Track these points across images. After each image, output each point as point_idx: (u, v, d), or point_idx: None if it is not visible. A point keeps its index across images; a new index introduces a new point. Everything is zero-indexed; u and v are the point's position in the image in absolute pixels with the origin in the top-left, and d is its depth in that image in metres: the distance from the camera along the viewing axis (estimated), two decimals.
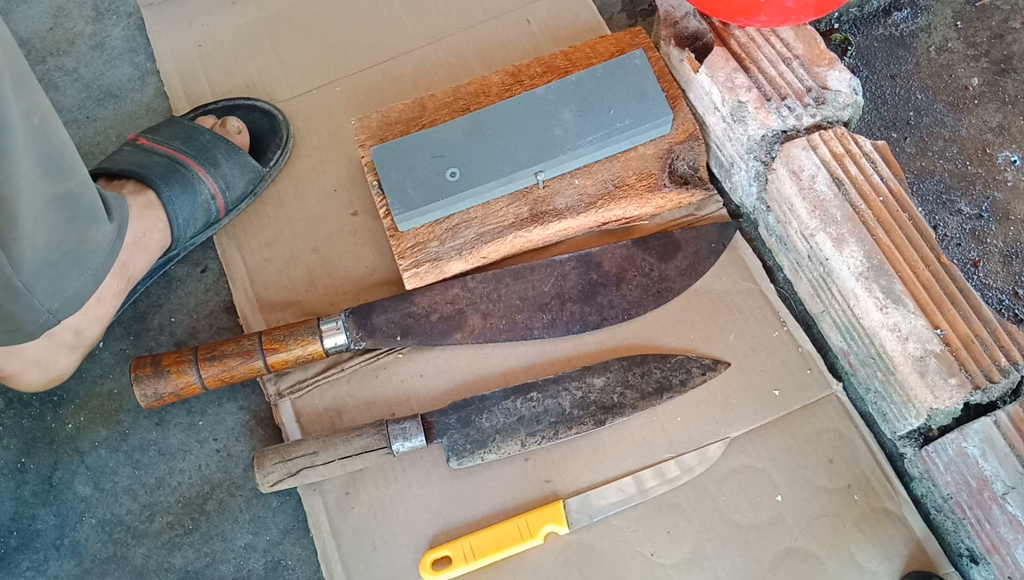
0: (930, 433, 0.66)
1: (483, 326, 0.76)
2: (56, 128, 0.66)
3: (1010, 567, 0.61)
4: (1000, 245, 0.80)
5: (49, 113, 0.65)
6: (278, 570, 0.72)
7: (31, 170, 0.62)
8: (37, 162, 0.63)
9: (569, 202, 0.79)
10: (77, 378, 0.80)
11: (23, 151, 0.60)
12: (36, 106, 0.63)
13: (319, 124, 0.90)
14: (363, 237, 0.83)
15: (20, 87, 0.61)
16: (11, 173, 0.59)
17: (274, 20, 0.97)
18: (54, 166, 0.65)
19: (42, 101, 0.64)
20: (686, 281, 0.78)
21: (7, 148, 0.59)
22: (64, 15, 1.02)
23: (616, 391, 0.73)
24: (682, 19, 0.82)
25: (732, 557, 0.68)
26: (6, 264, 0.62)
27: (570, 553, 0.69)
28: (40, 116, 0.63)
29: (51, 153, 0.65)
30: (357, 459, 0.70)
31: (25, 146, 0.61)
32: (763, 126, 0.73)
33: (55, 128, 0.66)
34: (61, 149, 0.66)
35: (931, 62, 0.89)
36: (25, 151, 0.61)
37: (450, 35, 0.94)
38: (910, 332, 0.64)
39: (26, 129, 0.61)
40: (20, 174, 0.60)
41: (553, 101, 0.80)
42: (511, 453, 0.71)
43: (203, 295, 0.84)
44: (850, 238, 0.68)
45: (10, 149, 0.59)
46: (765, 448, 0.71)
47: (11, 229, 0.61)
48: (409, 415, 0.72)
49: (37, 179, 0.63)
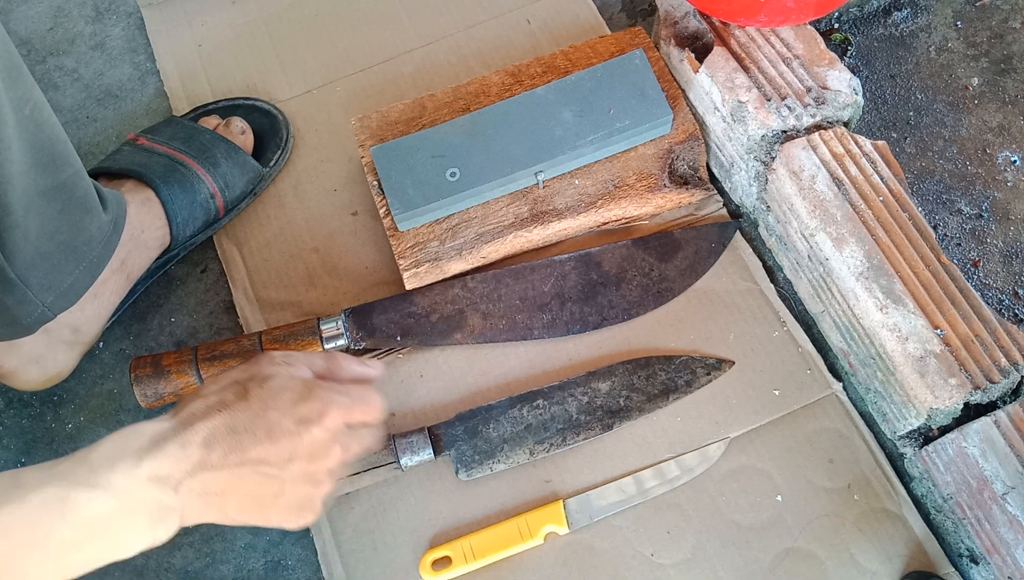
0: (930, 433, 0.66)
1: (483, 326, 0.76)
2: (48, 119, 0.66)
3: (1010, 567, 0.61)
4: (1000, 245, 0.80)
5: (41, 104, 0.65)
6: (278, 570, 0.72)
7: (22, 160, 0.62)
8: (28, 152, 0.63)
9: (569, 202, 0.79)
10: (77, 378, 0.80)
11: (13, 140, 0.60)
12: (27, 97, 0.63)
13: (319, 124, 0.90)
14: (363, 237, 0.83)
15: (10, 78, 0.61)
16: (1, 161, 0.59)
17: (274, 20, 0.97)
18: (46, 157, 0.65)
19: (34, 92, 0.64)
20: (686, 281, 0.78)
21: None
22: (64, 15, 1.02)
23: (622, 395, 0.73)
24: (682, 19, 0.82)
25: (732, 557, 0.68)
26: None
27: (570, 553, 0.69)
28: (31, 107, 0.63)
29: (43, 144, 0.65)
30: (366, 475, 0.70)
31: (15, 136, 0.61)
32: (763, 126, 0.73)
33: (47, 119, 0.65)
34: (53, 140, 0.66)
35: (931, 62, 0.89)
36: (15, 140, 0.61)
37: (450, 35, 0.94)
38: (910, 332, 0.64)
39: (17, 119, 0.61)
40: (10, 163, 0.60)
41: (553, 101, 0.80)
42: (520, 462, 0.71)
43: (203, 295, 0.84)
44: (850, 238, 0.68)
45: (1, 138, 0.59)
46: (765, 448, 0.71)
47: (2, 218, 0.61)
48: (415, 428, 0.72)
49: (28, 169, 0.63)
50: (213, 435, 0.53)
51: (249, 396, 0.55)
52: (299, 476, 0.55)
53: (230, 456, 0.53)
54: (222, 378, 0.57)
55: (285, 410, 0.55)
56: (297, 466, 0.55)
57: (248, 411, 0.54)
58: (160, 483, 0.50)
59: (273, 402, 0.55)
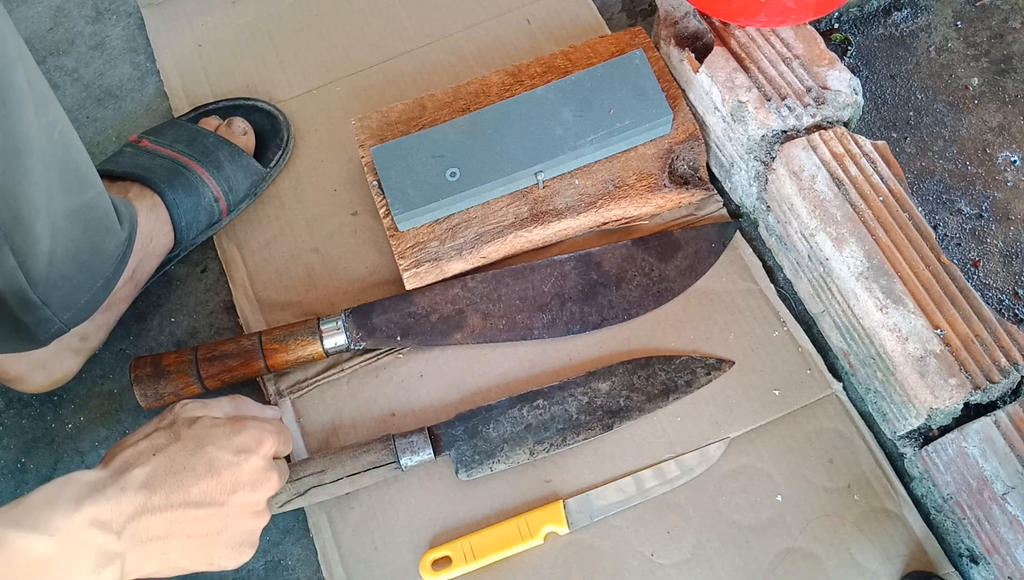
0: (930, 433, 0.66)
1: (483, 326, 0.76)
2: (73, 141, 0.66)
3: (1010, 567, 0.61)
4: (1000, 245, 0.80)
5: (67, 128, 0.65)
6: (278, 570, 0.72)
7: (51, 186, 0.62)
8: (57, 178, 0.62)
9: (569, 202, 0.79)
10: (77, 378, 0.80)
11: (43, 169, 0.60)
12: (56, 122, 0.63)
13: (319, 124, 0.90)
14: (363, 237, 0.83)
15: (41, 106, 0.60)
16: (31, 194, 0.59)
17: (274, 20, 0.97)
18: (72, 179, 0.65)
19: (60, 116, 0.64)
20: (686, 281, 0.78)
21: (28, 169, 0.58)
22: (64, 15, 1.02)
23: (622, 395, 0.73)
24: (682, 19, 0.82)
25: (732, 557, 0.68)
26: (23, 280, 0.62)
27: (570, 553, 0.69)
28: (59, 131, 0.63)
29: (69, 167, 0.64)
30: (366, 475, 0.69)
31: (45, 164, 0.60)
32: (763, 126, 0.73)
33: (72, 141, 0.65)
34: (79, 162, 0.66)
35: (931, 62, 0.89)
36: (45, 169, 0.60)
37: (450, 35, 0.94)
38: (910, 332, 0.64)
39: (48, 146, 0.61)
40: (40, 194, 0.60)
41: (553, 101, 0.80)
42: (520, 462, 0.71)
43: (203, 295, 0.84)
44: (850, 238, 0.68)
45: (30, 170, 0.58)
46: (765, 448, 0.71)
47: (30, 246, 0.61)
48: (415, 428, 0.72)
49: (56, 195, 0.63)
50: (152, 478, 0.53)
51: (182, 437, 0.56)
52: (242, 508, 0.57)
53: (173, 496, 0.53)
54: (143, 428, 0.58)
55: (222, 444, 0.56)
56: (240, 497, 0.56)
57: (184, 450, 0.55)
58: (102, 528, 0.49)
59: (208, 438, 0.56)
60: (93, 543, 0.49)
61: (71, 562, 0.48)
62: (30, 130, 0.58)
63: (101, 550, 0.49)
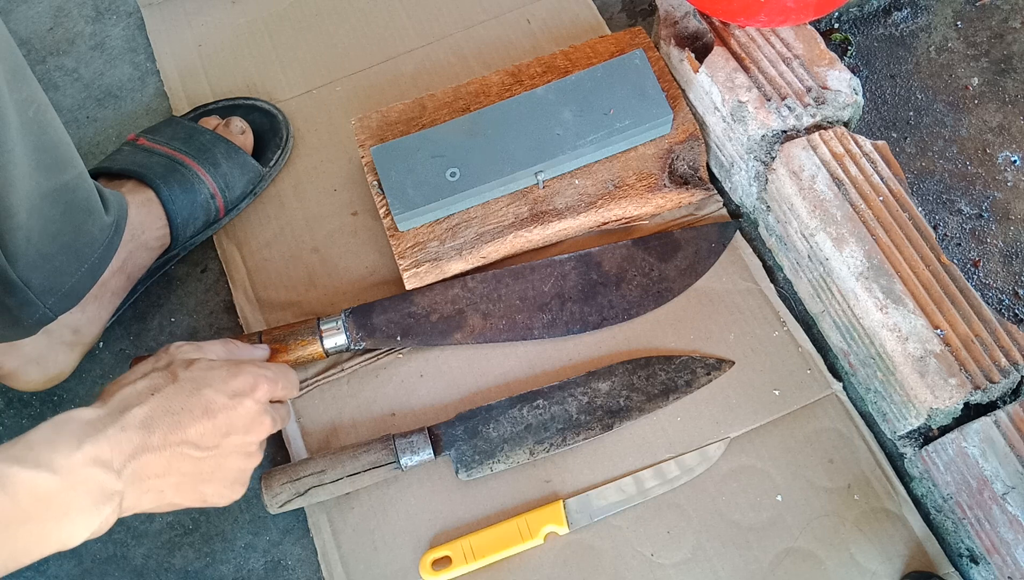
0: (930, 433, 0.66)
1: (483, 326, 0.76)
2: (51, 121, 0.66)
3: (1010, 567, 0.61)
4: (1000, 245, 0.80)
5: (45, 107, 0.65)
6: (278, 570, 0.72)
7: (25, 162, 0.62)
8: (32, 154, 0.63)
9: (569, 202, 0.79)
10: (77, 378, 0.80)
11: (17, 143, 0.61)
12: (31, 99, 0.63)
13: (319, 124, 0.90)
14: (363, 237, 0.83)
15: (15, 80, 0.61)
16: (4, 163, 0.59)
17: (274, 20, 0.97)
18: (49, 159, 0.65)
19: (38, 95, 0.64)
20: (686, 281, 0.78)
21: (1, 140, 0.59)
22: (64, 15, 1.02)
23: (622, 395, 0.73)
24: (682, 19, 0.82)
25: (732, 557, 0.68)
26: (1, 257, 0.63)
27: (570, 553, 0.69)
28: (35, 109, 0.63)
29: (46, 146, 0.65)
30: (366, 475, 0.69)
31: (19, 138, 0.61)
32: (763, 126, 0.73)
33: (50, 121, 0.66)
34: (56, 142, 0.66)
35: (931, 62, 0.89)
36: (19, 142, 0.61)
37: (450, 35, 0.94)
38: (910, 332, 0.64)
39: (21, 122, 0.61)
40: (14, 165, 0.60)
41: (553, 101, 0.80)
42: (520, 462, 0.71)
43: (203, 295, 0.84)
44: (850, 238, 0.68)
45: (4, 141, 0.59)
46: (765, 448, 0.71)
47: (5, 221, 0.62)
48: (416, 428, 0.72)
49: (32, 172, 0.63)
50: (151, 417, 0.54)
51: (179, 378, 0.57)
52: (235, 449, 0.58)
53: (171, 436, 0.54)
54: (141, 367, 0.59)
55: (219, 387, 0.58)
56: (233, 439, 0.58)
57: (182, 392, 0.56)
58: (102, 466, 0.51)
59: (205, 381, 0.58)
60: (94, 481, 0.50)
61: (72, 499, 0.49)
62: (2, 99, 0.58)
63: (101, 488, 0.50)
